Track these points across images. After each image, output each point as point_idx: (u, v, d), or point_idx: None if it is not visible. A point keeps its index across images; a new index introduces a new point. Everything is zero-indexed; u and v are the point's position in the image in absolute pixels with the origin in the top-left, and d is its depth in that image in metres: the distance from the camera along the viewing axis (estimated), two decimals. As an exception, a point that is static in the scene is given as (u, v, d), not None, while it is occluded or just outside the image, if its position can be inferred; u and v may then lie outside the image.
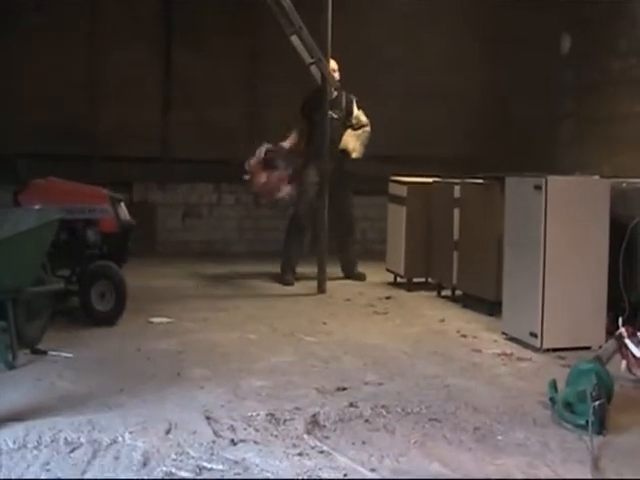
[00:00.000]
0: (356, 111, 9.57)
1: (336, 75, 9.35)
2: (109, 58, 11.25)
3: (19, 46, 10.76)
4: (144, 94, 11.39)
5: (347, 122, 9.52)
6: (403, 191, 9.07)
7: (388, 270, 9.44)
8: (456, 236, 8.22)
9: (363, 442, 4.28)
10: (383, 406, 4.82)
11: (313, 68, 8.79)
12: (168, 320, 7.11)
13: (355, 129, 9.56)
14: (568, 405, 4.65)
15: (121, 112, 11.12)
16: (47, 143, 10.65)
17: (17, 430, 4.24)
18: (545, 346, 6.22)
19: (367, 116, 9.58)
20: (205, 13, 11.48)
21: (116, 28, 11.21)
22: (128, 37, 11.23)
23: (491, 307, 7.48)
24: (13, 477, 3.76)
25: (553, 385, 4.87)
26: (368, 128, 9.57)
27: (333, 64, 9.13)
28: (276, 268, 9.55)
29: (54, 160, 9.84)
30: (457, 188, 8.26)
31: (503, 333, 6.73)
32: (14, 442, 4.11)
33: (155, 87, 11.62)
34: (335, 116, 9.04)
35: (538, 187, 6.26)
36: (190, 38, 11.45)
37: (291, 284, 9.18)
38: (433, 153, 11.69)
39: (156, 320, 7.09)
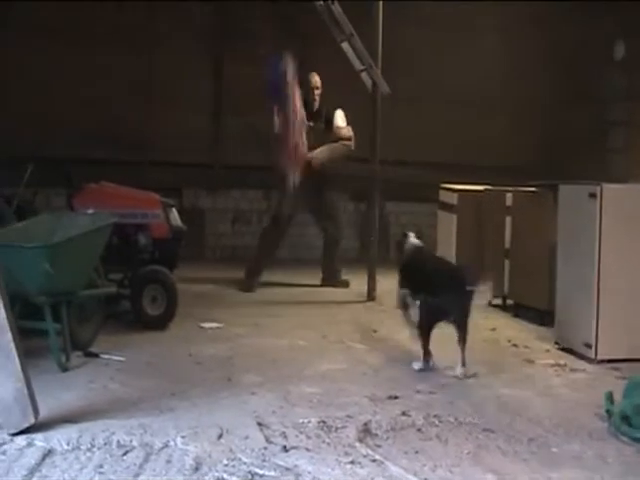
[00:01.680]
0: (340, 124, 9.40)
1: (318, 91, 9.37)
2: (161, 64, 11.32)
3: (72, 52, 10.88)
4: (195, 100, 11.44)
5: (325, 133, 9.34)
6: (454, 199, 9.01)
7: (438, 278, 9.35)
8: (507, 244, 8.14)
9: (416, 451, 4.25)
10: (435, 415, 4.78)
11: (364, 75, 8.76)
12: (218, 325, 7.13)
13: (335, 141, 9.39)
14: (625, 418, 4.56)
15: (171, 118, 11.18)
16: (98, 148, 10.74)
17: (71, 432, 4.27)
18: (600, 357, 6.13)
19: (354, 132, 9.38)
20: (257, 20, 11.50)
21: (168, 34, 11.29)
22: (180, 43, 11.30)
23: (543, 316, 7.39)
24: (67, 478, 3.77)
25: (609, 397, 4.79)
26: (349, 142, 9.35)
27: (316, 80, 9.25)
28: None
29: (105, 165, 9.93)
30: (509, 196, 8.18)
31: (556, 343, 6.64)
32: (68, 443, 4.14)
33: (206, 93, 11.66)
34: (311, 124, 9.06)
35: (593, 195, 6.17)
36: (242, 45, 11.47)
37: (252, 291, 8.99)
38: (483, 161, 11.58)
39: (206, 325, 7.11)
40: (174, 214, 7.48)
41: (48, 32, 10.80)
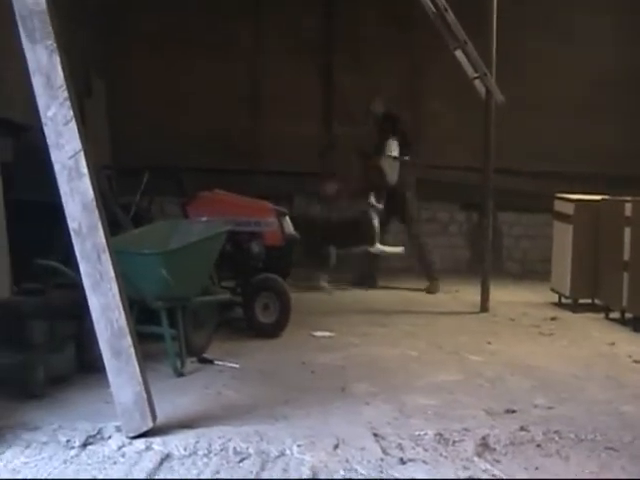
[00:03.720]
0: None
1: None
2: (271, 74, 11.40)
3: (183, 61, 11.08)
4: (305, 109, 11.47)
5: None
6: (570, 209, 8.78)
7: (552, 290, 9.14)
8: (627, 256, 7.87)
9: (536, 468, 4.12)
10: (555, 431, 4.62)
11: (477, 82, 8.63)
12: (330, 334, 7.11)
13: None
14: None
15: (282, 127, 11.24)
16: (209, 157, 10.88)
17: (188, 437, 4.29)
18: None
19: None
20: (366, 29, 11.49)
21: (278, 44, 11.36)
22: (290, 53, 11.36)
23: (665, 331, 7.12)
24: (185, 483, 3.80)
25: None
26: None
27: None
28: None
29: (216, 174, 10.04)
30: (628, 206, 7.92)
31: (680, 359, 6.38)
32: (185, 448, 4.16)
33: (316, 102, 11.69)
34: None
35: None
36: (351, 54, 11.47)
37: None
38: (598, 170, 11.24)
39: (318, 334, 7.10)
40: (287, 222, 7.50)
41: (160, 46, 11.05)
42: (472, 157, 9.49)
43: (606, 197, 8.61)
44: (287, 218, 7.53)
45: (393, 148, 9.74)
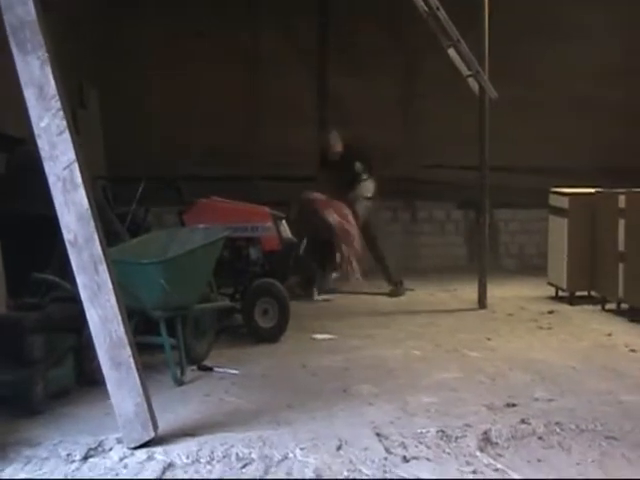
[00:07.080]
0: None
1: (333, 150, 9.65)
2: (267, 80, 11.42)
3: (178, 68, 11.10)
4: (301, 114, 11.48)
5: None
6: (564, 202, 8.80)
7: (549, 284, 9.16)
8: (622, 247, 7.90)
9: (538, 460, 4.14)
10: (556, 423, 4.65)
11: (471, 81, 8.65)
12: (331, 337, 7.12)
13: None
14: None
15: (279, 132, 11.25)
16: (208, 164, 10.89)
17: (190, 445, 4.30)
18: None
19: None
20: (360, 33, 11.50)
21: (274, 50, 11.39)
22: (286, 59, 11.40)
23: (662, 321, 7.14)
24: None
25: None
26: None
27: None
28: (434, 285, 9.65)
29: (215, 181, 10.05)
30: (622, 198, 7.95)
31: (678, 348, 6.40)
32: (187, 457, 4.17)
33: (312, 107, 11.70)
34: None
35: None
36: (345, 58, 11.50)
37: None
38: (591, 163, 11.25)
39: (319, 336, 7.11)
40: (284, 226, 7.52)
41: (154, 52, 11.09)
42: (468, 155, 9.50)
43: (600, 190, 8.64)
44: (284, 222, 7.55)
45: (369, 189, 9.71)
